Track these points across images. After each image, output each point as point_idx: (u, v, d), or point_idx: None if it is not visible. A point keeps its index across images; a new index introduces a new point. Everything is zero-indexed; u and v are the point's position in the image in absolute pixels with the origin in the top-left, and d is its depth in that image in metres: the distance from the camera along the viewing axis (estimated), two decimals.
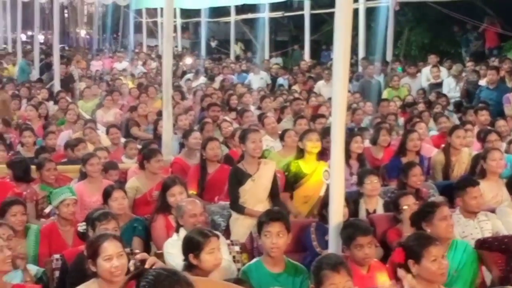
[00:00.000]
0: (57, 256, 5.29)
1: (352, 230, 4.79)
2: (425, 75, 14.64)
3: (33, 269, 5.21)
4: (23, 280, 4.87)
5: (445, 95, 12.88)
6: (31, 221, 6.45)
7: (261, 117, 10.26)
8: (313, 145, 6.94)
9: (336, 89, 5.01)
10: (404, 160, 7.70)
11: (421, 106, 11.94)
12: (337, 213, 4.97)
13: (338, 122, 5.01)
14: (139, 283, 2.46)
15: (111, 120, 11.87)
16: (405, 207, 5.86)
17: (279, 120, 11.11)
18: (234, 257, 5.65)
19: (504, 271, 5.17)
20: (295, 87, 15.59)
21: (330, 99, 10.93)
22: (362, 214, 6.43)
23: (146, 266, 2.52)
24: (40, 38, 23.13)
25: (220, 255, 4.58)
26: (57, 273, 5.21)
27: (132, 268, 2.56)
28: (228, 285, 2.91)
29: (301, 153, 7.03)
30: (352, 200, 6.28)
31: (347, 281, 3.89)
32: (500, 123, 9.41)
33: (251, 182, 6.36)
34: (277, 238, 4.70)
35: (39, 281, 5.06)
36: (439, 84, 14.16)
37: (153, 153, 7.26)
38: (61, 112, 12.06)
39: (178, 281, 2.44)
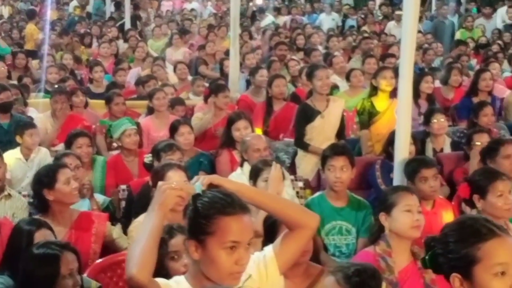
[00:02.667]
0: (123, 186, 5.41)
1: (415, 164, 4.73)
2: (501, 16, 14.21)
3: (100, 198, 5.32)
4: (90, 208, 4.97)
5: None
6: (103, 154, 6.60)
7: (327, 57, 10.13)
8: (387, 82, 6.81)
9: (406, 26, 4.91)
10: (475, 100, 7.51)
11: (495, 47, 11.60)
12: (402, 150, 4.90)
13: (407, 59, 4.91)
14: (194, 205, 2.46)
15: (180, 59, 11.93)
16: (477, 143, 5.72)
17: (349, 60, 10.98)
18: (297, 192, 5.67)
19: None
20: (365, 28, 15.32)
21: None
22: (429, 153, 6.33)
23: (201, 183, 2.50)
24: None
25: (279, 185, 4.58)
26: (123, 203, 5.33)
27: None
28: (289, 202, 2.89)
29: (374, 90, 6.91)
30: (419, 140, 6.18)
31: (419, 206, 3.81)
32: None
33: (320, 119, 6.33)
34: (340, 172, 4.65)
35: (105, 210, 5.16)
36: None
37: (221, 88, 7.26)
38: (131, 50, 12.18)
39: (232, 203, 2.42)
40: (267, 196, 2.86)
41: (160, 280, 2.48)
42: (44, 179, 4.35)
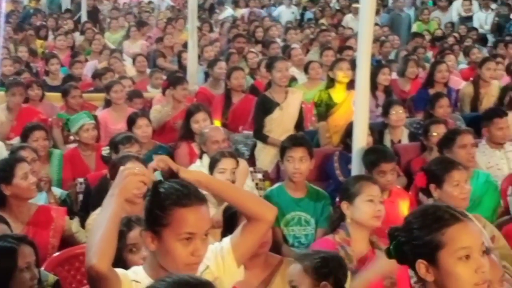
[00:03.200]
0: (81, 180, 5.37)
1: (375, 156, 4.75)
2: (456, 9, 14.38)
3: (57, 191, 5.27)
4: (47, 201, 4.91)
5: (475, 29, 12.65)
6: (60, 147, 6.54)
7: (285, 49, 10.16)
8: (344, 74, 6.83)
9: (363, 19, 4.92)
10: (431, 91, 7.59)
11: (451, 40, 11.76)
12: (360, 140, 4.92)
13: (364, 51, 4.92)
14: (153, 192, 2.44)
15: (137, 52, 11.87)
16: (434, 133, 5.78)
17: (307, 53, 11.02)
18: (257, 184, 5.69)
19: None
20: (323, 21, 15.39)
21: None
22: (387, 144, 6.36)
23: (155, 164, 2.47)
24: None
25: (233, 177, 4.58)
26: (81, 196, 5.28)
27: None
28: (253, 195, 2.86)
29: (331, 82, 6.94)
30: (377, 131, 6.24)
31: (381, 196, 3.86)
32: None
33: (279, 111, 6.35)
34: (299, 163, 4.67)
35: (63, 203, 5.12)
36: (469, 18, 13.90)
37: (180, 80, 7.24)
38: (88, 43, 12.07)
39: (188, 195, 2.40)
40: (227, 185, 2.84)
41: (118, 270, 2.46)
42: (1, 174, 4.26)
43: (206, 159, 5.22)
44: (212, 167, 4.67)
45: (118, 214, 2.42)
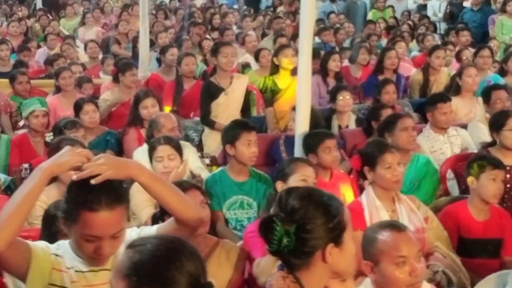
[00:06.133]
0: (26, 165, 5.33)
1: (319, 136, 4.85)
2: None
3: (1, 177, 5.23)
4: None
5: (427, 17, 12.80)
6: (8, 133, 6.49)
7: (238, 36, 10.17)
8: (289, 61, 6.88)
9: (304, 3, 4.92)
10: (380, 77, 7.66)
11: (404, 28, 11.88)
12: (303, 124, 4.96)
13: (305, 35, 4.95)
14: None
15: (93, 38, 11.79)
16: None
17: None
18: None
19: None
20: (281, 8, 15.41)
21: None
22: (335, 130, 6.41)
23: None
24: None
25: (172, 164, 4.57)
26: None
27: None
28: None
29: (275, 68, 6.99)
30: (325, 117, 6.30)
31: (314, 178, 3.92)
32: (494, 42, 9.60)
33: (224, 96, 6.38)
34: (255, 146, 4.73)
35: (7, 190, 5.08)
36: (425, 6, 14.06)
37: (128, 66, 7.22)
38: (42, 30, 11.97)
39: (98, 199, 2.32)
40: (158, 182, 2.52)
41: (38, 244, 2.47)
42: None
43: None
44: (150, 155, 4.63)
45: (37, 190, 2.35)
